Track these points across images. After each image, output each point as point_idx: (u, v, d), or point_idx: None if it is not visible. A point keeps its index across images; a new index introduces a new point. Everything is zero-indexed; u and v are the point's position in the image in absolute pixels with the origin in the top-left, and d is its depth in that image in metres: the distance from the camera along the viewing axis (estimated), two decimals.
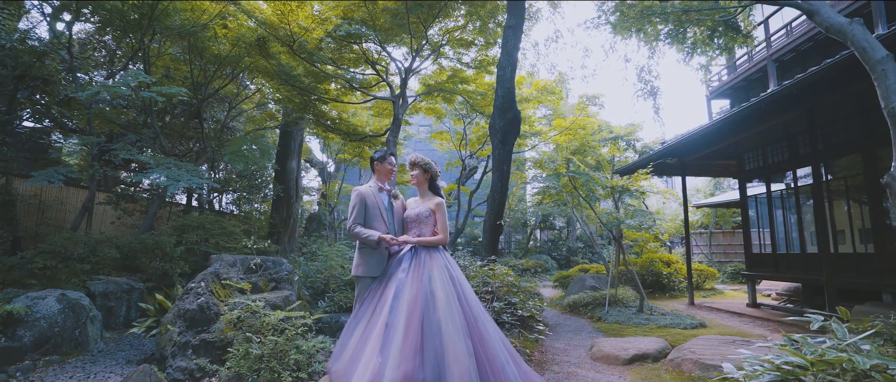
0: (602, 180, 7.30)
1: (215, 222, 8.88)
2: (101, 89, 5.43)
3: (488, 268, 5.04)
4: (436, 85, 9.11)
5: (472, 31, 9.24)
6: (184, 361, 3.88)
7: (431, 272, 2.89)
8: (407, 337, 2.57)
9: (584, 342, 5.42)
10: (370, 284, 3.08)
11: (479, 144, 12.21)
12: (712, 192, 20.14)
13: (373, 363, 2.53)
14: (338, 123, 9.47)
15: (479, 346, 2.67)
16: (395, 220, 3.30)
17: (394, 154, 3.79)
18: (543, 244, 19.71)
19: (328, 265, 6.62)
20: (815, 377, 1.80)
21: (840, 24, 2.80)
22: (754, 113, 5.48)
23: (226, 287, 4.50)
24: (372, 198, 3.23)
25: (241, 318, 3.92)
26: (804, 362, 1.78)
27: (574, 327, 6.53)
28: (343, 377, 2.65)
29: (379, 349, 2.58)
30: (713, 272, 11.57)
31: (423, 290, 2.79)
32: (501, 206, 6.02)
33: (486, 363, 2.63)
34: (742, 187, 8.67)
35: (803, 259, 7.08)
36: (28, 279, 5.66)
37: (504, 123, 5.70)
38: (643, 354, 4.47)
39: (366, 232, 3.09)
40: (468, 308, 2.82)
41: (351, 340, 2.83)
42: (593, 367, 4.32)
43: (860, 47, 2.70)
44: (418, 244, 3.07)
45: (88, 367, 4.40)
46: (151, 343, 5.42)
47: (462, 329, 2.66)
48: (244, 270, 4.89)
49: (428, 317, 2.66)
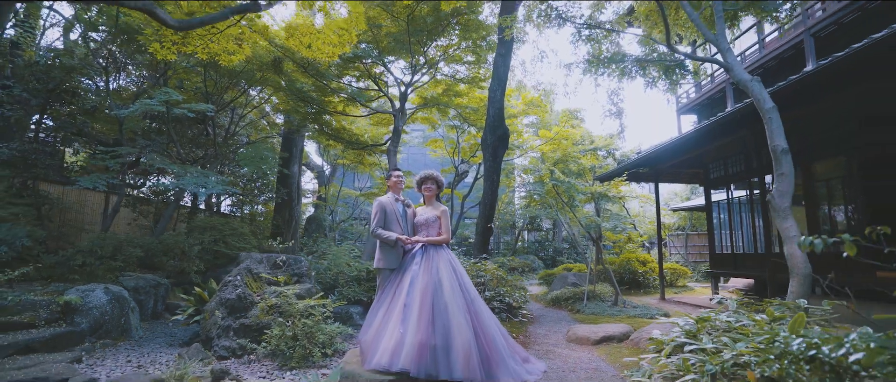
0: (582, 187, 8.19)
1: (225, 224, 9.56)
2: (141, 109, 6.10)
3: (480, 264, 5.87)
4: (432, 99, 9.94)
5: (465, 49, 10.09)
6: (227, 341, 4.63)
7: (438, 265, 3.71)
8: (421, 314, 3.38)
9: (562, 329, 6.28)
10: (389, 275, 3.89)
11: (471, 152, 13.08)
12: (689, 196, 21.32)
13: (396, 333, 3.34)
14: (341, 133, 10.24)
15: (475, 321, 3.50)
16: (408, 224, 4.12)
17: (398, 169, 4.64)
18: (531, 244, 20.61)
19: (337, 262, 7.37)
20: (706, 334, 2.66)
21: (745, 80, 3.68)
22: (706, 133, 6.42)
23: (257, 280, 5.25)
24: (390, 206, 4.04)
25: (277, 305, 4.68)
26: (695, 324, 2.63)
27: (555, 318, 7.39)
28: (372, 344, 3.44)
29: (400, 322, 3.39)
30: (686, 270, 12.58)
31: (432, 279, 3.61)
32: (492, 211, 6.86)
33: (480, 333, 3.46)
34: (707, 194, 9.66)
35: (756, 259, 8.06)
36: (71, 275, 6.31)
37: (494, 139, 6.55)
38: (610, 336, 5.34)
39: (386, 233, 3.89)
40: (466, 293, 3.65)
41: (376, 317, 3.63)
42: (568, 347, 5.18)
43: (756, 99, 3.58)
44: (427, 242, 3.89)
45: (137, 349, 5.10)
46: (182, 331, 6.14)
47: (462, 308, 3.48)
48: (270, 266, 5.64)
49: (437, 299, 3.48)
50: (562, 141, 10.99)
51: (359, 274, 7.15)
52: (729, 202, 9.08)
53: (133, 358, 4.75)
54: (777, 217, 3.32)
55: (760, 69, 9.08)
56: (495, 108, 6.58)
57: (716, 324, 2.69)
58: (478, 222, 7.03)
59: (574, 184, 7.97)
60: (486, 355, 3.39)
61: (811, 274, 2.99)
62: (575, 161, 10.78)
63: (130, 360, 4.64)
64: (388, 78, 10.37)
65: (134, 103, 6.41)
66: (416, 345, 3.23)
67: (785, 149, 3.46)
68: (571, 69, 5.22)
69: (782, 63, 8.33)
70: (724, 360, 1.98)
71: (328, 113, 9.59)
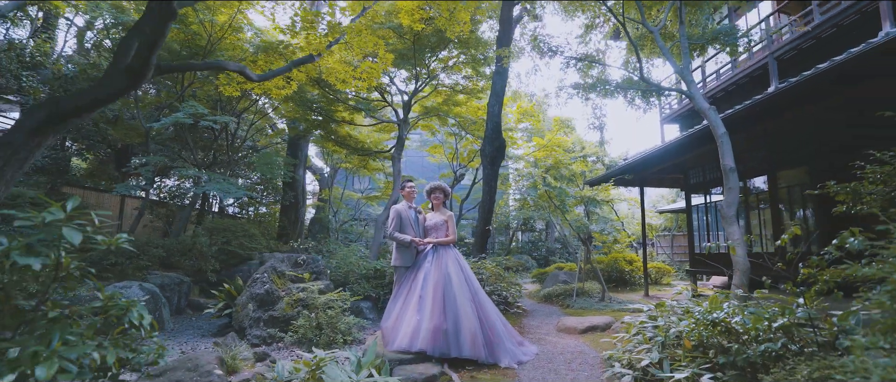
0: (571, 192, 8.90)
1: (237, 227, 10.14)
2: (171, 121, 6.69)
3: (480, 263, 6.56)
4: (432, 108, 10.61)
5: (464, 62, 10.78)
6: (258, 330, 5.26)
7: (447, 262, 4.38)
8: (434, 304, 4.05)
9: (553, 321, 6.98)
10: (405, 272, 4.56)
11: (469, 158, 13.77)
12: (675, 199, 22.20)
13: (414, 320, 4.01)
14: (347, 140, 10.87)
15: (479, 309, 4.18)
16: (420, 227, 4.79)
17: (411, 180, 5.32)
18: (524, 244, 21.32)
19: (346, 262, 8.00)
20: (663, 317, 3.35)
21: (703, 108, 4.40)
22: (684, 144, 7.16)
23: (282, 277, 5.88)
24: (405, 213, 4.71)
25: (302, 298, 5.32)
26: (656, 310, 3.32)
27: (547, 311, 8.09)
28: (393, 330, 4.11)
29: (416, 311, 4.06)
30: (670, 269, 13.38)
31: (442, 274, 4.28)
32: (490, 214, 7.55)
33: (484, 320, 4.14)
34: (687, 198, 10.43)
35: (728, 258, 8.82)
36: (105, 273, 6.88)
37: (492, 150, 7.24)
38: (594, 326, 6.04)
39: (401, 236, 4.56)
40: (471, 286, 4.33)
41: (395, 307, 4.30)
42: (558, 335, 5.88)
43: (711, 124, 4.30)
44: (437, 243, 4.56)
45: (174, 339, 5.71)
46: (207, 324, 6.75)
47: (468, 298, 4.16)
48: (291, 264, 6.27)
49: (447, 291, 4.15)
50: (554, 148, 11.73)
51: (367, 272, 7.79)
52: (707, 206, 9.85)
53: (174, 347, 5.35)
54: (725, 223, 4.03)
55: (734, 85, 9.88)
56: (493, 122, 7.27)
57: (675, 309, 3.39)
58: (477, 225, 7.72)
59: (565, 189, 8.68)
60: (489, 337, 4.07)
61: (749, 268, 3.69)
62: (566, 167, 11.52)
63: (172, 349, 5.25)
64: (391, 88, 11.02)
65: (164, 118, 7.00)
66: (431, 330, 3.89)
67: (733, 168, 4.17)
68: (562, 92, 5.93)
69: (753, 80, 9.13)
70: (669, 333, 2.66)
71: (335, 121, 10.22)
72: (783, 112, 5.22)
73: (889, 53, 3.82)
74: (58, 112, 3.62)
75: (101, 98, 3.88)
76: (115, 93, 3.91)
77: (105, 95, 3.87)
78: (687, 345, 2.52)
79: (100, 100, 3.89)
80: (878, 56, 3.86)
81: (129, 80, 3.82)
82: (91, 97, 3.82)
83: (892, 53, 3.83)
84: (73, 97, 3.79)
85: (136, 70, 3.75)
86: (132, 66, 3.76)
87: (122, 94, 4.03)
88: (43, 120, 3.56)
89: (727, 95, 10.17)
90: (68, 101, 3.69)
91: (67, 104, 3.66)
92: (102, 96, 3.87)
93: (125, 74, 3.79)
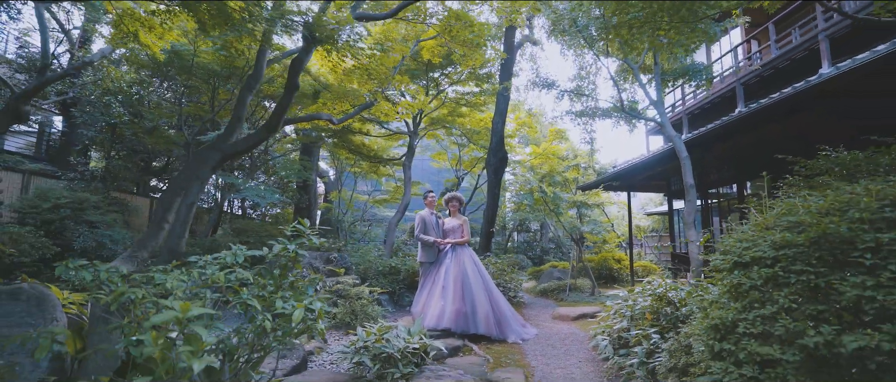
0: (565, 197, 9.95)
1: (261, 228, 11.08)
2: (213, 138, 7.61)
3: (486, 260, 7.60)
4: (438, 118, 11.62)
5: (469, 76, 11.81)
6: None
7: (464, 259, 5.41)
8: (455, 292, 5.07)
9: (548, 311, 8.02)
10: (429, 267, 5.58)
11: (471, 164, 14.80)
12: (661, 202, 23.40)
13: (439, 305, 5.03)
14: (361, 148, 11.84)
15: (490, 296, 5.21)
16: (440, 230, 5.81)
17: (432, 191, 6.33)
18: (520, 244, 22.36)
19: (366, 259, 8.98)
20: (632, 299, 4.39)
21: (671, 135, 5.45)
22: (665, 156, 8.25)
23: (316, 272, 6.86)
24: (428, 219, 5.74)
25: (339, 290, 6.31)
26: (629, 293, 4.35)
27: (543, 304, 9.15)
28: (421, 314, 5.12)
29: (441, 298, 5.08)
30: (655, 267, 14.45)
31: (460, 269, 5.30)
32: (493, 218, 8.58)
33: (494, 305, 5.17)
34: (669, 202, 11.54)
35: None
36: None
37: (496, 161, 8.25)
38: (584, 314, 7.09)
39: (426, 237, 5.58)
40: (483, 278, 5.36)
41: (422, 296, 5.32)
42: (553, 322, 6.92)
43: (676, 148, 5.36)
44: (455, 243, 5.58)
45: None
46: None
47: (482, 288, 5.19)
48: (324, 261, 7.25)
49: (465, 282, 5.17)
50: (549, 156, 12.80)
51: (384, 269, 8.76)
52: None
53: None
54: (685, 227, 5.08)
55: (709, 104, 11.02)
56: (497, 136, 8.30)
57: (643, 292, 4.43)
58: (482, 227, 8.75)
59: (559, 195, 9.73)
60: (498, 319, 5.10)
61: (701, 263, 4.74)
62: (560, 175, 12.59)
63: None
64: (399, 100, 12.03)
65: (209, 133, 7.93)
66: (454, 312, 4.92)
67: (692, 184, 5.24)
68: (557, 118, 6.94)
69: (725, 100, 10.30)
70: (635, 308, 3.69)
71: (352, 132, 11.18)
72: (744, 133, 6.27)
73: (823, 95, 4.86)
74: (226, 155, 5.02)
75: (251, 145, 5.65)
76: (258, 141, 5.67)
77: (254, 143, 5.65)
78: (648, 317, 3.55)
79: (250, 146, 5.74)
80: (810, 99, 4.92)
81: (267, 132, 5.44)
82: (246, 145, 5.46)
83: (825, 96, 4.87)
84: (236, 144, 5.18)
85: (273, 127, 5.35)
86: (270, 124, 5.35)
87: (263, 142, 6.31)
88: (219, 161, 4.92)
89: (704, 112, 11.32)
90: (232, 147, 5.10)
91: (231, 150, 5.08)
92: (252, 144, 5.61)
93: (265, 129, 5.41)
